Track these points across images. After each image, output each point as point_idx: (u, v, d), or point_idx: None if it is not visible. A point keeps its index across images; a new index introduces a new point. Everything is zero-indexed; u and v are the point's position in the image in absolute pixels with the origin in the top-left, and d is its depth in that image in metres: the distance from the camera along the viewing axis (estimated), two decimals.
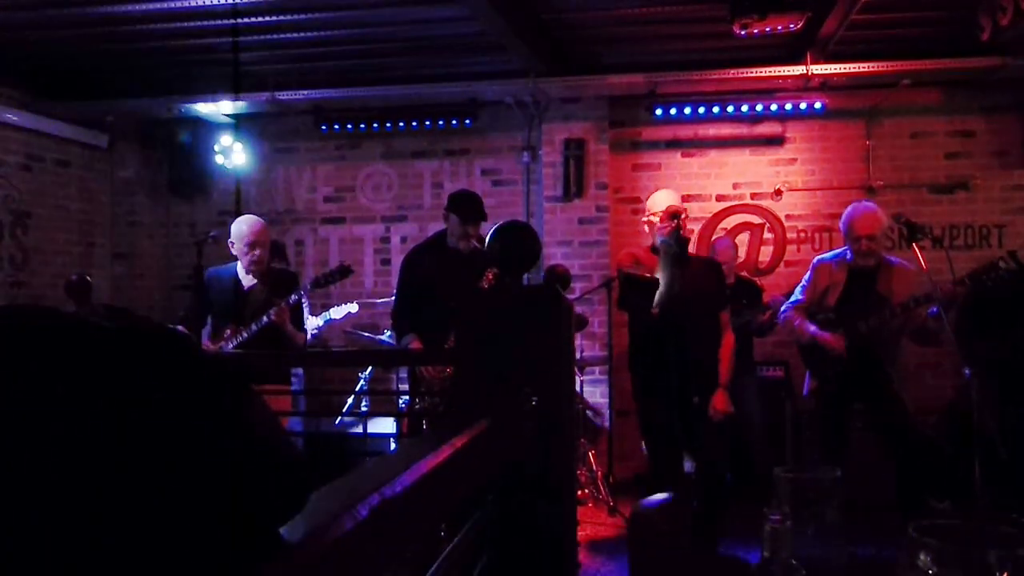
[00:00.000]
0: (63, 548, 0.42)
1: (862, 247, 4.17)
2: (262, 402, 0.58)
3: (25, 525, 0.42)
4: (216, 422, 0.51)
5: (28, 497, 0.42)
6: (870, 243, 4.15)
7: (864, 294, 4.20)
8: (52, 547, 0.42)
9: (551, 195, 6.46)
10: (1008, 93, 6.09)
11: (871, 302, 4.17)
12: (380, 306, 6.15)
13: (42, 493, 0.43)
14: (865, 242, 4.15)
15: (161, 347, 0.52)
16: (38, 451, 0.44)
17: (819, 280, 4.35)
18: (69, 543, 0.42)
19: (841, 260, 4.32)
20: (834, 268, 4.31)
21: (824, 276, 4.33)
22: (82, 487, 0.43)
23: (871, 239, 4.15)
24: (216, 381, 0.53)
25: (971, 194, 6.20)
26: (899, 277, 4.20)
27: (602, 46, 5.89)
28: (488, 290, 3.58)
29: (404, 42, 5.72)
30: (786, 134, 6.40)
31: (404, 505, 0.74)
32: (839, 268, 4.29)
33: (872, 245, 4.16)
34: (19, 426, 0.44)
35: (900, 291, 4.13)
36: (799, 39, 5.48)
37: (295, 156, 7.09)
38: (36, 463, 0.43)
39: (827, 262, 4.38)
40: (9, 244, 6.19)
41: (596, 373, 6.26)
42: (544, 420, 1.54)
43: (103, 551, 0.43)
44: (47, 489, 0.43)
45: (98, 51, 5.91)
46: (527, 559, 1.55)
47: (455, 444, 0.99)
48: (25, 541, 0.42)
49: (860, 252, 4.18)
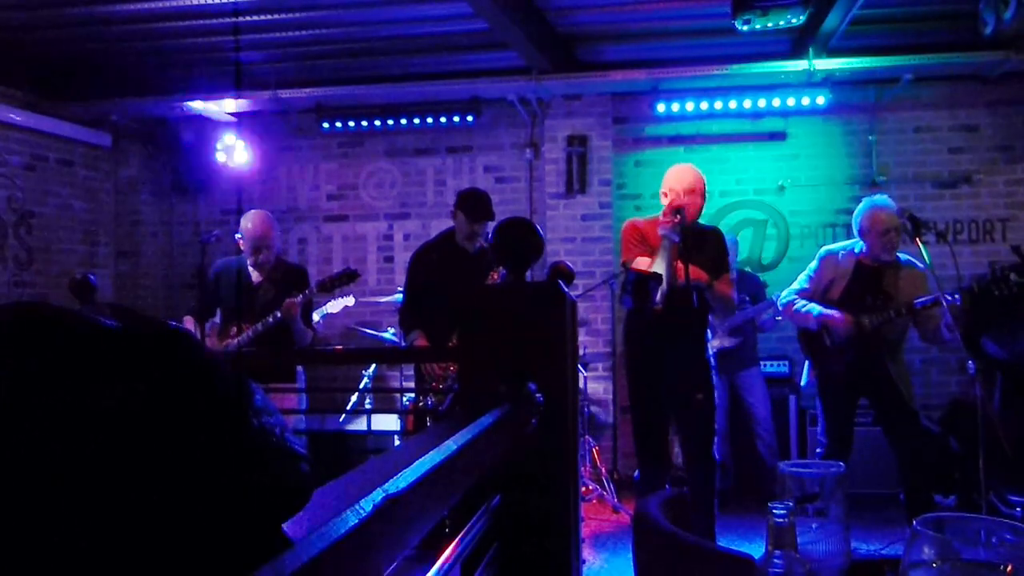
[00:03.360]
0: (64, 546, 0.42)
1: (891, 240, 4.09)
2: (265, 399, 0.58)
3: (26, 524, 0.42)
4: (218, 419, 0.51)
5: (29, 496, 0.43)
6: (895, 236, 4.09)
7: (869, 290, 4.17)
8: (53, 546, 0.42)
9: (554, 192, 6.46)
10: (1012, 87, 6.07)
11: (876, 299, 4.14)
12: (384, 304, 6.15)
13: (43, 492, 0.43)
14: (892, 235, 4.08)
15: (163, 346, 0.52)
16: (39, 450, 0.44)
17: (824, 271, 4.27)
18: (70, 541, 0.42)
19: (849, 253, 4.24)
20: (840, 261, 4.24)
21: (830, 268, 4.26)
22: (83, 485, 0.44)
23: (896, 232, 4.09)
24: (218, 379, 0.53)
25: (975, 189, 6.19)
26: (907, 277, 4.15)
27: (604, 42, 5.88)
28: (492, 287, 3.58)
29: (406, 40, 5.72)
30: (789, 129, 6.39)
31: (408, 501, 0.75)
32: (846, 261, 4.22)
33: (896, 240, 4.10)
34: (20, 425, 0.44)
35: (907, 290, 4.09)
36: (801, 34, 5.47)
37: (298, 154, 7.09)
38: (37, 462, 0.43)
39: (834, 253, 4.29)
40: (13, 243, 6.20)
41: (600, 370, 6.26)
42: (548, 416, 1.54)
43: (104, 549, 0.43)
44: (48, 488, 0.43)
45: (101, 51, 5.92)
46: (532, 555, 1.55)
47: (459, 440, 0.99)
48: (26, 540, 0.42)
49: (886, 247, 4.10)
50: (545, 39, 5.58)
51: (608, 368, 6.22)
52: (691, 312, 3.73)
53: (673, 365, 3.74)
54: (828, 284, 4.25)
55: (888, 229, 4.08)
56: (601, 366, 6.25)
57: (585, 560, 4.28)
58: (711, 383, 3.84)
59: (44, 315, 0.50)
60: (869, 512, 4.82)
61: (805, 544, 1.61)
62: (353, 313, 6.17)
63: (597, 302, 6.22)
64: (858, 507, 4.47)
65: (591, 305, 6.17)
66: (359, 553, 0.63)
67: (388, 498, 0.70)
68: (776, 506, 1.25)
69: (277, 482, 0.55)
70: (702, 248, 3.79)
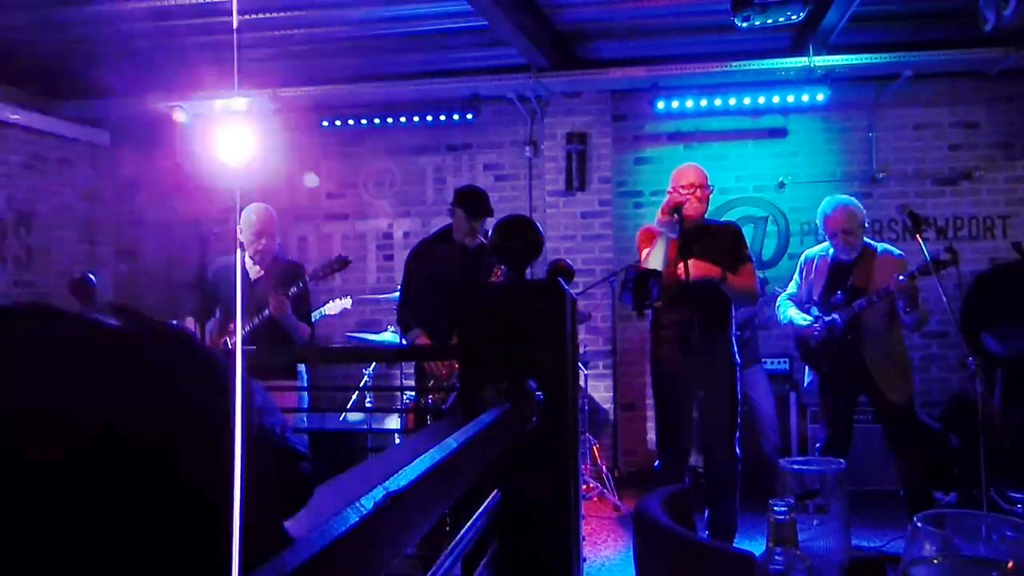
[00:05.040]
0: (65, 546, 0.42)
1: (839, 242, 4.20)
2: (266, 398, 0.58)
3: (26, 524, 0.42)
4: (219, 418, 0.51)
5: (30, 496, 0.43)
6: (847, 237, 4.16)
7: (839, 286, 4.23)
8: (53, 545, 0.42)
9: (554, 189, 6.46)
10: (1012, 84, 6.07)
11: (846, 293, 4.19)
12: (384, 302, 6.15)
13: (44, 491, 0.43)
14: (842, 236, 4.16)
15: (164, 344, 0.52)
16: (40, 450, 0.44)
17: (806, 274, 4.41)
18: (71, 540, 0.42)
19: (824, 254, 4.36)
20: (817, 262, 4.37)
21: (809, 270, 4.40)
22: (84, 484, 0.44)
23: (847, 233, 4.16)
24: (219, 377, 0.53)
25: (975, 185, 6.19)
26: (880, 267, 4.18)
27: (604, 39, 5.87)
28: (492, 285, 3.58)
29: (406, 38, 5.71)
30: (789, 126, 6.39)
31: (409, 499, 0.75)
32: (821, 261, 4.35)
33: (850, 239, 4.17)
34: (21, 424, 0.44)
35: (883, 279, 4.11)
36: (801, 31, 5.46)
37: (298, 153, 7.08)
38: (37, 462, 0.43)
39: (811, 257, 4.43)
40: (13, 243, 6.20)
41: (600, 368, 6.26)
42: (549, 413, 1.54)
43: (105, 547, 0.43)
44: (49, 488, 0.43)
45: (100, 49, 5.91)
46: (532, 552, 1.55)
47: (460, 438, 0.99)
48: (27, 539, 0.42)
49: (839, 247, 4.22)
50: (544, 36, 5.58)
51: (608, 366, 6.22)
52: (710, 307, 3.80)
53: (697, 360, 3.78)
54: (810, 286, 4.37)
55: (837, 232, 4.18)
56: (601, 364, 6.25)
57: (585, 558, 4.28)
58: (735, 378, 3.91)
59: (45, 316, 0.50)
60: (870, 509, 4.82)
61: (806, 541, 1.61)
62: (353, 312, 6.17)
63: (597, 300, 6.22)
64: (859, 504, 4.47)
65: (591, 303, 6.16)
66: (360, 551, 0.63)
67: (389, 496, 0.70)
68: (777, 503, 1.26)
69: (278, 481, 0.55)
70: (711, 243, 3.84)
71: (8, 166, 6.17)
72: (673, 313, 3.79)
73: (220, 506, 0.49)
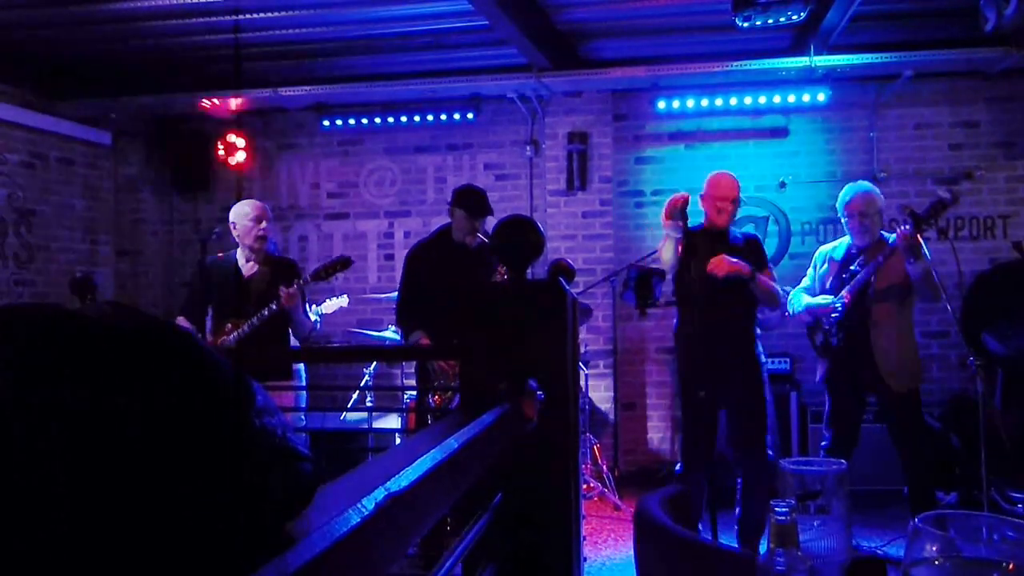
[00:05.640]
0: (66, 546, 0.42)
1: (856, 224, 4.17)
2: (267, 398, 0.58)
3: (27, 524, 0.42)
4: (220, 418, 0.51)
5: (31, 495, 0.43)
6: (863, 219, 4.14)
7: (852, 277, 4.20)
8: (54, 545, 0.42)
9: (554, 189, 6.46)
10: (1013, 84, 6.07)
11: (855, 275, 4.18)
12: (384, 301, 6.15)
13: (45, 491, 0.43)
14: (859, 218, 4.15)
15: (165, 344, 0.52)
16: (42, 449, 0.44)
17: (818, 265, 4.40)
18: (72, 540, 0.42)
19: (841, 247, 4.35)
20: (830, 254, 4.36)
21: (824, 261, 4.37)
22: (85, 484, 0.43)
23: (863, 216, 4.14)
24: (219, 376, 0.53)
25: (976, 185, 6.18)
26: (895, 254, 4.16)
27: (605, 39, 5.87)
28: (492, 284, 3.58)
29: (406, 37, 5.71)
30: (790, 126, 6.39)
31: (411, 500, 0.74)
32: (835, 253, 4.33)
33: (865, 222, 4.15)
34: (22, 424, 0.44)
35: (896, 267, 4.07)
36: (802, 30, 5.46)
37: (298, 152, 7.09)
38: (39, 461, 0.43)
39: (826, 251, 4.42)
40: (14, 242, 6.20)
41: (601, 367, 6.26)
42: (550, 413, 1.54)
43: (107, 548, 0.43)
44: (49, 487, 0.43)
45: (101, 49, 5.91)
46: (533, 552, 1.55)
47: (461, 438, 0.99)
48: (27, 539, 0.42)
49: (855, 229, 4.19)
50: (545, 36, 5.57)
51: (609, 366, 6.22)
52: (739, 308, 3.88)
53: (726, 362, 3.82)
54: (823, 277, 4.35)
55: (854, 213, 4.16)
56: (602, 363, 6.25)
57: (586, 558, 4.28)
58: (761, 379, 3.95)
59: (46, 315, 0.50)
60: (871, 509, 4.82)
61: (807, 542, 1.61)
62: (354, 310, 6.17)
63: (598, 299, 6.21)
64: (861, 504, 4.47)
65: (592, 302, 6.16)
66: (361, 551, 0.63)
67: (390, 496, 0.70)
68: (778, 504, 1.25)
69: (279, 482, 0.55)
70: (734, 250, 3.94)
71: (9, 165, 6.17)
72: (702, 313, 3.77)
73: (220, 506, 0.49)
